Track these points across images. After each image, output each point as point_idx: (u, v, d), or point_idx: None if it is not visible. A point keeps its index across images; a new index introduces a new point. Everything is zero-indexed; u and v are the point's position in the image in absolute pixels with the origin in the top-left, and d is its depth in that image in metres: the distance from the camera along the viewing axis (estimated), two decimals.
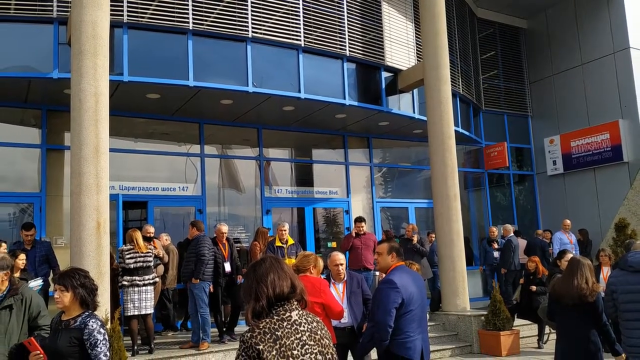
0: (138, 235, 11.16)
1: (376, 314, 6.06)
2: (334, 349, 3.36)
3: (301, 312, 3.30)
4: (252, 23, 13.26)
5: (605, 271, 12.26)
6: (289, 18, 13.87)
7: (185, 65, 12.51)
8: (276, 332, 3.10)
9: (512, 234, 16.85)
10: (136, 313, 10.82)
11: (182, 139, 15.15)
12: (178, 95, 13.18)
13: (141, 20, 12.19)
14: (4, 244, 10.46)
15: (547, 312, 8.06)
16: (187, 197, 14.82)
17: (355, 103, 14.68)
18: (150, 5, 12.32)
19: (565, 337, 7.37)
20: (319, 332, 3.27)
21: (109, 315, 9.10)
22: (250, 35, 13.17)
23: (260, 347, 3.02)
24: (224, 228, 12.38)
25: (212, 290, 11.64)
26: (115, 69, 11.69)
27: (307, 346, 3.16)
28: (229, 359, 10.90)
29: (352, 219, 15.72)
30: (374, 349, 6.33)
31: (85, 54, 9.87)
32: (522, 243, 17.06)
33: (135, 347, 10.74)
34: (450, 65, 15.47)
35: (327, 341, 3.30)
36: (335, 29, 14.64)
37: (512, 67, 22.08)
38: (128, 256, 10.91)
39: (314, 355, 3.17)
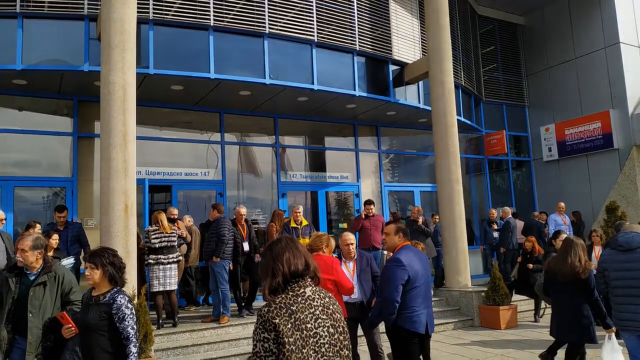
0: (163, 217, 11.18)
1: (384, 290, 6.03)
2: (345, 322, 3.32)
3: (314, 288, 3.26)
4: (269, 20, 13.20)
5: (597, 250, 12.23)
6: (303, 15, 13.81)
7: (207, 58, 12.48)
8: (291, 307, 3.06)
9: (510, 216, 16.83)
10: (161, 289, 10.87)
11: (203, 127, 15.12)
12: (200, 86, 13.15)
13: (166, 17, 12.16)
14: (38, 225, 10.50)
15: (543, 288, 8.04)
16: (209, 182, 14.81)
17: (365, 94, 14.62)
18: (174, 3, 12.29)
19: (560, 312, 7.36)
20: (331, 307, 3.23)
21: (135, 291, 9.10)
22: (267, 31, 13.12)
23: (277, 320, 2.98)
24: (243, 210, 12.38)
25: (231, 268, 11.65)
26: (141, 62, 11.68)
27: (320, 320, 3.13)
28: (247, 331, 10.91)
29: (361, 202, 15.69)
30: (382, 322, 6.31)
31: (114, 48, 9.84)
32: (519, 224, 17.00)
33: (160, 321, 10.81)
34: (453, 59, 15.42)
35: (339, 315, 3.26)
36: (346, 25, 14.57)
37: (510, 60, 21.93)
38: (154, 236, 10.93)
39: (326, 328, 3.14)
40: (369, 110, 16.17)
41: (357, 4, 14.91)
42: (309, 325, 3.07)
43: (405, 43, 15.98)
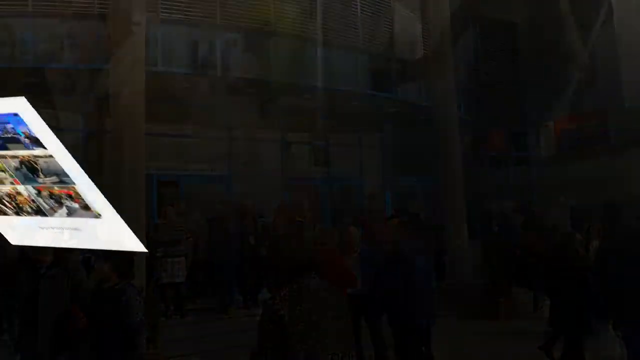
0: (171, 212, 11.18)
1: (386, 282, 6.05)
2: (348, 314, 3.33)
3: (318, 280, 3.26)
4: (274, 19, 13.20)
5: (595, 244, 12.20)
6: (308, 14, 13.80)
7: (214, 57, 12.49)
8: (296, 299, 3.07)
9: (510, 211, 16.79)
10: (169, 281, 10.87)
11: (211, 123, 15.12)
12: (206, 84, 13.14)
13: (173, 17, 12.16)
14: None
15: (542, 281, 8.05)
16: (215, 177, 14.81)
17: (368, 91, 14.63)
18: (182, 3, 12.30)
19: (559, 304, 7.37)
20: (334, 299, 3.24)
21: (144, 283, 9.12)
22: (272, 30, 13.12)
23: (281, 312, 2.99)
24: (249, 205, 12.37)
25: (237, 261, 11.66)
26: (150, 60, 11.68)
27: (323, 312, 3.13)
28: (252, 322, 10.89)
29: (365, 197, 15.70)
30: (385, 314, 6.33)
31: (124, 46, 9.86)
32: (519, 219, 16.95)
33: (168, 312, 10.81)
34: (454, 58, 15.39)
35: (342, 307, 3.26)
36: (350, 24, 14.57)
37: (510, 59, 21.89)
38: (162, 230, 10.94)
39: (329, 320, 3.14)
40: (372, 106, 16.15)
41: (361, 3, 14.89)
42: (312, 317, 3.07)
43: (407, 42, 15.95)
